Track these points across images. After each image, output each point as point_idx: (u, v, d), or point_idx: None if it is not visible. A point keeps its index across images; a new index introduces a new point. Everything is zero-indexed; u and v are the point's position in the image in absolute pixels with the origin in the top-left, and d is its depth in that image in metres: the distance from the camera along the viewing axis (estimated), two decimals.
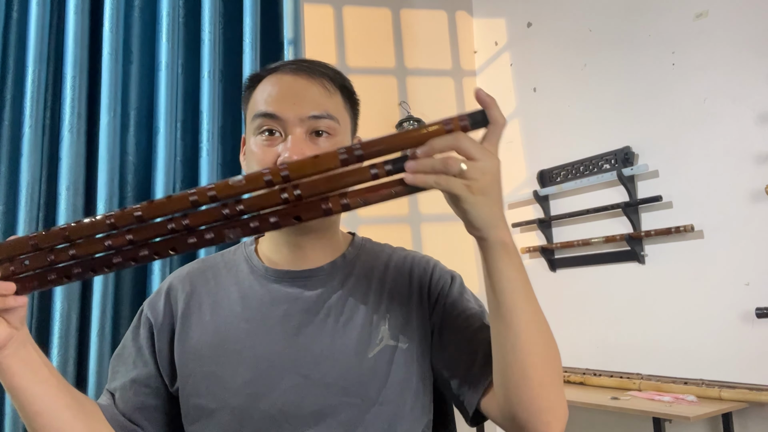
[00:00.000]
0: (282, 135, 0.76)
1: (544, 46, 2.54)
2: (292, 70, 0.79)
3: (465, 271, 3.03)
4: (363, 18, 2.58)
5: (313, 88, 0.78)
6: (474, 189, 0.60)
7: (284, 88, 0.77)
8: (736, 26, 1.89)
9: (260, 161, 0.76)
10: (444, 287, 0.83)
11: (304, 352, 0.77)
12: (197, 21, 1.57)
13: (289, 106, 0.76)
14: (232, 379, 0.76)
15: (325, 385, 0.75)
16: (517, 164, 2.61)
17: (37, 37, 1.39)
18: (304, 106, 0.76)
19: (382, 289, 0.82)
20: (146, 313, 0.84)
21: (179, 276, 0.87)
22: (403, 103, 2.60)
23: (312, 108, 0.76)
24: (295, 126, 0.75)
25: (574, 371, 2.19)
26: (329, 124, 0.77)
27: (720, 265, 1.90)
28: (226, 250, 0.91)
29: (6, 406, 1.29)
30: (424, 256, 0.88)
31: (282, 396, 0.75)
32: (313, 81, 0.78)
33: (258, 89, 0.80)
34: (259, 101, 0.78)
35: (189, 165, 1.55)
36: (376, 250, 0.88)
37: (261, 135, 0.76)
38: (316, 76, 0.79)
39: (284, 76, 0.79)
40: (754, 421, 1.77)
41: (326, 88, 0.79)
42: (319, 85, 0.78)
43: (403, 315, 0.80)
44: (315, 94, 0.77)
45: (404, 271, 0.84)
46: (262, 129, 0.76)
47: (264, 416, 0.75)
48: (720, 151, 1.91)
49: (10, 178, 1.37)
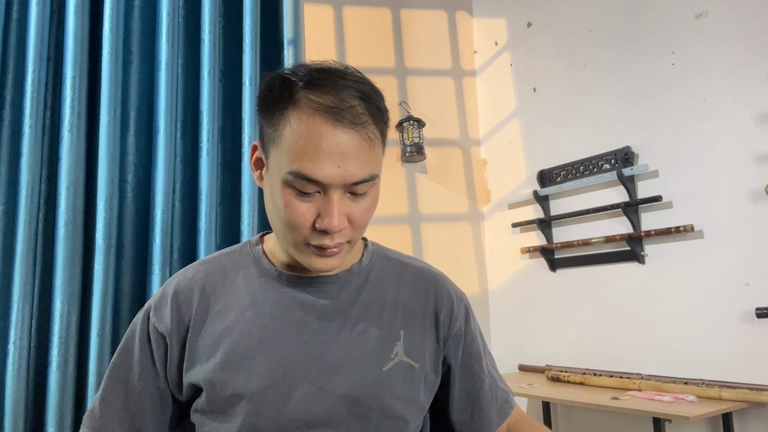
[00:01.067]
0: (320, 193, 0.71)
1: (544, 46, 2.54)
2: (333, 115, 0.69)
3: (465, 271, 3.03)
4: (363, 18, 2.58)
5: (358, 146, 0.70)
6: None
7: (327, 145, 0.68)
8: (736, 26, 1.89)
9: (295, 219, 0.71)
10: (461, 325, 0.87)
11: (319, 361, 0.76)
12: (197, 21, 1.57)
13: (333, 171, 0.68)
14: (245, 387, 0.75)
15: (339, 396, 0.75)
16: (517, 164, 2.61)
17: (37, 37, 1.39)
18: (352, 172, 0.69)
19: (397, 304, 0.82)
20: (153, 323, 0.80)
21: (185, 280, 0.83)
22: (403, 103, 2.60)
23: (358, 174, 0.70)
24: (337, 189, 0.70)
25: (574, 371, 2.19)
26: (371, 184, 0.73)
27: (720, 265, 1.90)
28: (227, 250, 0.88)
29: (6, 405, 1.29)
30: (439, 275, 0.90)
31: (295, 405, 0.74)
32: (359, 135, 0.70)
33: (290, 123, 0.70)
34: (294, 151, 0.69)
35: (189, 165, 1.55)
36: (390, 259, 0.88)
37: (294, 189, 0.71)
38: (360, 126, 0.70)
39: (325, 127, 0.69)
40: (754, 421, 1.77)
41: (371, 140, 0.71)
42: (364, 139, 0.70)
43: (417, 334, 0.81)
44: (360, 155, 0.70)
45: (420, 289, 0.85)
46: (297, 186, 0.70)
47: (275, 424, 0.74)
48: (720, 151, 1.91)
49: (10, 178, 1.37)
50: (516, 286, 2.60)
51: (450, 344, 0.84)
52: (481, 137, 2.81)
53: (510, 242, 2.62)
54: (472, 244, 2.72)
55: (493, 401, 0.88)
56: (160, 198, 1.45)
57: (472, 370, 0.87)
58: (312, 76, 0.72)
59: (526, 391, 2.05)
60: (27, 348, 1.32)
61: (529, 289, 2.54)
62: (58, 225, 1.37)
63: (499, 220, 2.68)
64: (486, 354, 0.91)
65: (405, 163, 2.57)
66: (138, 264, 1.47)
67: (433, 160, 2.64)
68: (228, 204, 1.57)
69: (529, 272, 2.54)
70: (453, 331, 0.85)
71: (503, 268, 2.67)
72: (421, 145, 2.53)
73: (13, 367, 1.29)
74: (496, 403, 0.88)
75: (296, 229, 0.72)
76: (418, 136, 2.53)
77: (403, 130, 2.52)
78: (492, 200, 2.74)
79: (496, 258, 2.71)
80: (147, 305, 0.83)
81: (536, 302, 2.50)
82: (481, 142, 2.81)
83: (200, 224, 1.49)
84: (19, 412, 1.29)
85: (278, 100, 0.72)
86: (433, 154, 2.64)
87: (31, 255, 1.34)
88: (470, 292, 2.67)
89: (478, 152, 2.80)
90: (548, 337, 2.44)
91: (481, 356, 0.88)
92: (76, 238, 1.38)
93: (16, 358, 1.30)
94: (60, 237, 1.36)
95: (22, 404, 1.29)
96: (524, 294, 2.56)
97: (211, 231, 1.48)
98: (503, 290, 2.67)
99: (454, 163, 2.72)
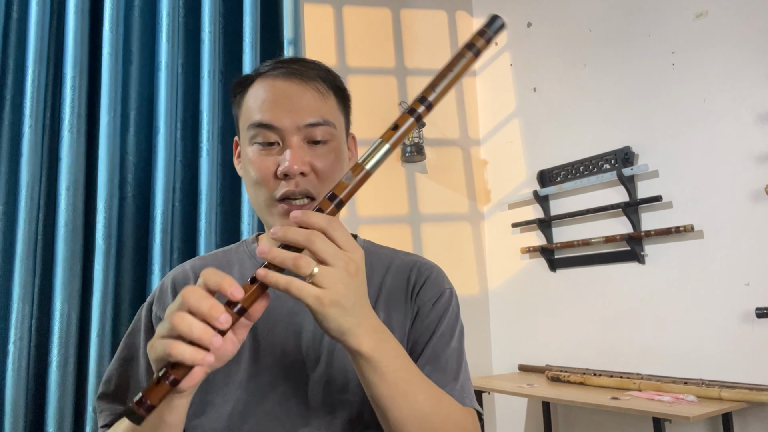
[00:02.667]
0: (280, 143, 0.76)
1: (544, 46, 2.54)
2: (284, 74, 0.77)
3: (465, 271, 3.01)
4: (363, 18, 2.58)
5: (308, 93, 0.77)
6: (325, 301, 0.55)
7: (278, 94, 0.76)
8: (736, 26, 1.89)
9: (259, 171, 0.76)
10: (431, 300, 0.81)
11: (306, 350, 0.78)
12: (197, 21, 1.57)
13: (285, 114, 0.75)
14: (236, 374, 0.77)
15: (326, 383, 0.76)
16: (517, 164, 2.61)
17: (37, 37, 1.39)
18: (301, 114, 0.75)
19: (379, 291, 0.82)
20: (156, 312, 0.82)
21: (181, 272, 0.86)
22: (403, 103, 2.60)
23: (308, 115, 0.76)
24: (293, 134, 0.75)
25: (574, 371, 2.19)
26: (326, 130, 0.77)
27: (720, 265, 1.90)
28: (223, 248, 0.91)
29: (6, 405, 1.29)
30: (429, 262, 0.87)
31: (284, 392, 0.76)
32: (307, 85, 0.77)
33: (249, 94, 0.79)
34: (253, 109, 0.77)
35: (189, 165, 1.55)
36: (378, 253, 0.88)
37: (257, 145, 0.76)
38: (309, 79, 0.77)
39: (276, 81, 0.77)
40: (754, 421, 1.77)
41: (320, 92, 0.78)
42: (312, 89, 0.77)
43: (397, 317, 0.81)
44: (310, 100, 0.77)
45: (404, 274, 0.84)
46: (259, 139, 0.76)
47: (266, 412, 0.75)
48: (720, 151, 1.91)
49: (10, 178, 1.37)
50: (516, 286, 2.60)
51: (416, 321, 0.81)
52: (481, 137, 2.81)
53: (510, 242, 2.62)
54: (472, 244, 2.72)
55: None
56: (160, 198, 1.45)
57: (416, 348, 0.80)
58: (276, 61, 0.81)
59: (526, 391, 2.05)
60: (27, 348, 1.32)
61: (529, 289, 2.54)
62: (58, 225, 1.37)
63: (499, 220, 2.68)
64: (446, 349, 0.80)
65: (405, 163, 2.57)
66: (138, 264, 1.47)
67: (433, 160, 2.64)
68: (228, 204, 1.57)
69: (529, 272, 2.54)
70: (422, 305, 0.81)
71: (503, 268, 2.67)
72: (421, 145, 2.53)
73: (13, 367, 1.29)
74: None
75: (263, 183, 0.76)
76: (418, 136, 2.53)
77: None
78: (492, 200, 2.74)
79: (496, 258, 2.71)
80: (148, 300, 0.86)
81: (536, 302, 2.50)
82: (481, 142, 2.81)
83: (200, 224, 1.49)
84: (19, 412, 1.29)
85: (243, 85, 0.81)
86: (433, 154, 2.64)
87: (31, 255, 1.34)
88: (470, 292, 2.67)
89: (478, 152, 2.80)
90: (548, 337, 2.44)
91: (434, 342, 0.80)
92: (76, 238, 1.38)
93: (16, 357, 1.30)
94: (60, 237, 1.36)
95: (22, 404, 1.29)
96: (524, 294, 2.56)
97: (210, 231, 1.48)
98: (503, 290, 2.67)
99: (454, 163, 2.72)
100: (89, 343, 1.37)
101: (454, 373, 0.78)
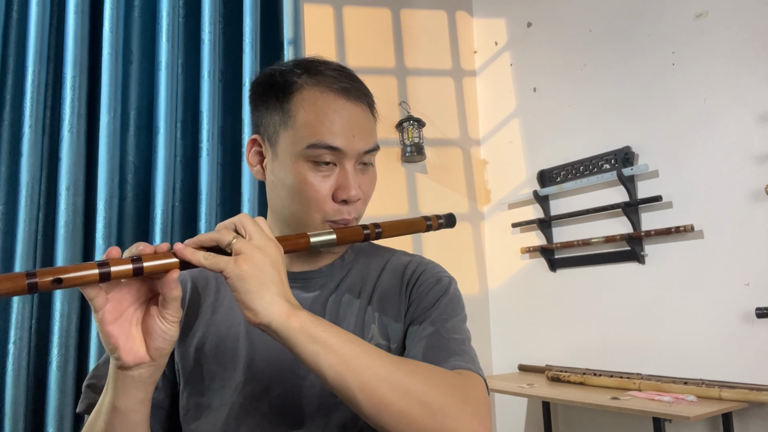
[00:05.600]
0: (336, 165, 0.76)
1: (544, 46, 2.54)
2: (345, 93, 0.76)
3: (465, 271, 3.01)
4: (363, 18, 2.58)
5: (368, 117, 0.78)
6: (243, 273, 0.59)
7: (348, 119, 0.75)
8: (736, 26, 1.89)
9: (317, 193, 0.75)
10: (426, 287, 0.80)
11: None
12: (197, 21, 1.57)
13: (355, 142, 0.75)
14: (232, 378, 0.77)
15: (321, 387, 0.76)
16: (517, 164, 2.61)
17: (37, 37, 1.39)
18: (365, 141, 0.76)
19: (375, 289, 0.82)
20: None
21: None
22: (403, 103, 2.60)
23: (368, 142, 0.77)
24: (352, 159, 0.76)
25: (574, 371, 2.19)
26: (374, 154, 0.79)
27: (720, 265, 1.89)
28: None
29: (6, 405, 1.29)
30: (427, 260, 0.86)
31: (280, 395, 0.76)
32: (366, 109, 0.78)
33: (300, 104, 0.75)
34: (316, 126, 0.74)
35: (189, 165, 1.55)
36: (376, 254, 0.88)
37: (313, 163, 0.75)
38: (366, 103, 0.78)
39: (339, 100, 0.76)
40: (754, 421, 1.77)
41: (374, 117, 0.80)
42: (369, 113, 0.79)
43: (393, 314, 0.80)
44: (369, 125, 0.78)
45: (399, 273, 0.84)
46: (318, 158, 0.74)
47: (261, 415, 0.75)
48: (720, 151, 1.91)
49: (10, 178, 1.37)
50: (516, 286, 2.60)
51: (410, 309, 0.80)
52: (481, 137, 2.81)
53: (510, 242, 2.62)
54: (472, 244, 2.72)
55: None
56: (160, 198, 1.45)
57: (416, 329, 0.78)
58: (305, 65, 0.79)
59: (526, 391, 2.05)
60: (27, 348, 1.32)
61: (529, 289, 2.54)
62: (58, 225, 1.37)
63: (499, 220, 2.68)
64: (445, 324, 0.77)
65: (405, 163, 2.57)
66: None
67: (433, 160, 2.64)
68: (228, 204, 1.57)
69: (529, 272, 2.54)
70: (417, 293, 0.80)
71: (503, 268, 2.67)
72: (421, 145, 2.53)
73: (13, 367, 1.29)
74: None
75: (316, 205, 0.76)
76: (418, 136, 2.53)
77: (403, 130, 2.52)
78: (492, 200, 2.74)
79: (496, 258, 2.71)
80: None
81: (536, 302, 2.50)
82: (481, 142, 2.81)
83: (200, 224, 1.49)
84: (19, 412, 1.29)
85: (284, 87, 0.77)
86: (433, 154, 2.64)
87: (31, 255, 1.34)
88: (470, 292, 2.67)
89: (478, 152, 2.80)
90: (548, 337, 2.44)
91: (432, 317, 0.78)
92: (76, 238, 1.38)
93: (16, 358, 1.30)
94: (60, 237, 1.36)
95: (22, 404, 1.29)
96: (524, 294, 2.56)
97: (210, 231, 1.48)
98: (503, 290, 2.67)
99: (454, 163, 2.72)
100: (89, 343, 1.37)
101: (456, 348, 0.73)
